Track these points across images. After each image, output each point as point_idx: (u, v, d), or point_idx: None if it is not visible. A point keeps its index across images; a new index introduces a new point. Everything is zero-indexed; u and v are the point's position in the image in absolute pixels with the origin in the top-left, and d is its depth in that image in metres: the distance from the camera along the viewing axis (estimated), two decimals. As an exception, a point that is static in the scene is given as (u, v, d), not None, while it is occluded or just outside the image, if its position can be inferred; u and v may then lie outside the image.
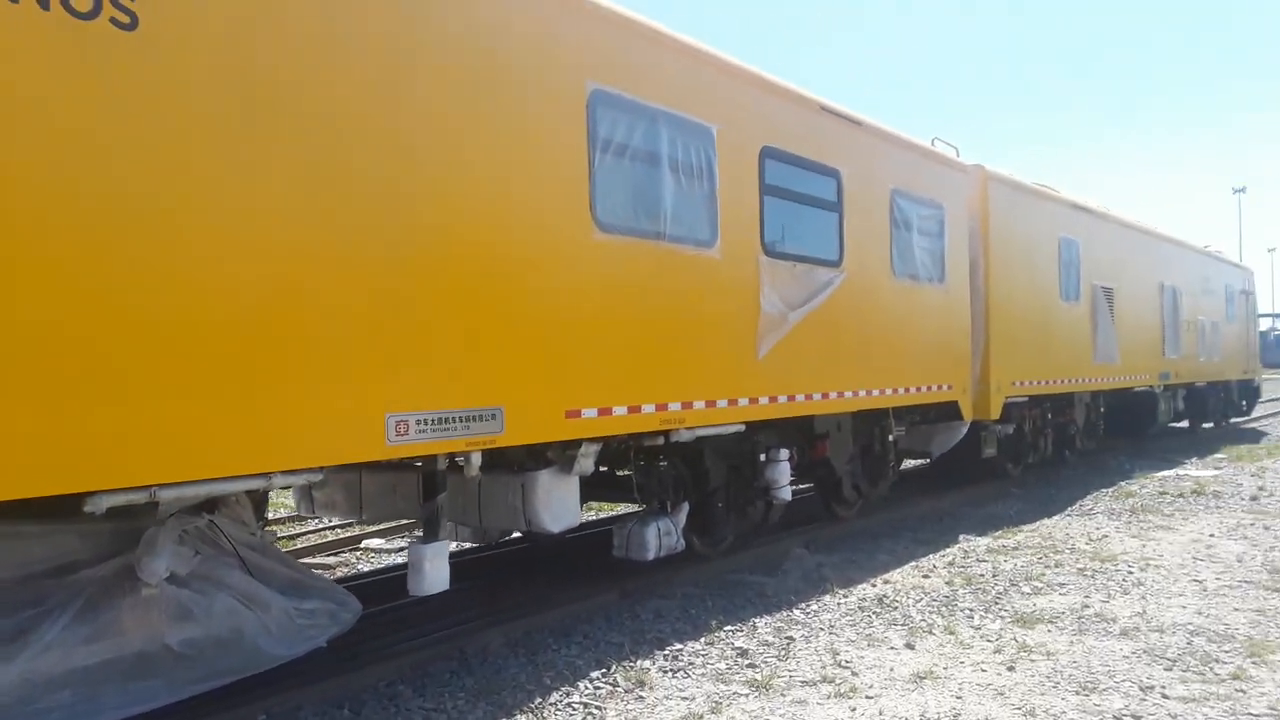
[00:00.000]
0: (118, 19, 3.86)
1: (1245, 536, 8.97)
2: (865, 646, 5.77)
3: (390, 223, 4.86)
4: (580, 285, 5.99)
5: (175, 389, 3.96)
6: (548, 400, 5.76)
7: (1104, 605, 6.63)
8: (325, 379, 4.54)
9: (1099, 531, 9.39)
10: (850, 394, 8.61)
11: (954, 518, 10.45)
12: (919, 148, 10.13)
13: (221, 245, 4.15)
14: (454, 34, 5.21)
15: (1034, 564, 7.96)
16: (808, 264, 8.10)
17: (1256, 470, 13.81)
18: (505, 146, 5.51)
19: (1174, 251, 18.06)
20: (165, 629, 4.39)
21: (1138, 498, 11.46)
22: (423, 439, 5.00)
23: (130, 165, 3.87)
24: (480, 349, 5.33)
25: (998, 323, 11.17)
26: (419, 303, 4.99)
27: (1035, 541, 8.95)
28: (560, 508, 6.23)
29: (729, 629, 6.15)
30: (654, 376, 6.54)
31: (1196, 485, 12.19)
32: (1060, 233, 13.02)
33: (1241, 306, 22.84)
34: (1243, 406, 24.13)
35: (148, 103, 3.93)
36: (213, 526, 4.80)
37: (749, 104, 7.57)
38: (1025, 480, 12.91)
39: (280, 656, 4.80)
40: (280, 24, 4.41)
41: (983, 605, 6.70)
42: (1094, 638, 5.88)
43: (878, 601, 6.83)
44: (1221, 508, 10.62)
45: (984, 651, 5.65)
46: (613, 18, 6.33)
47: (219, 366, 4.12)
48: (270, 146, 4.34)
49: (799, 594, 7.05)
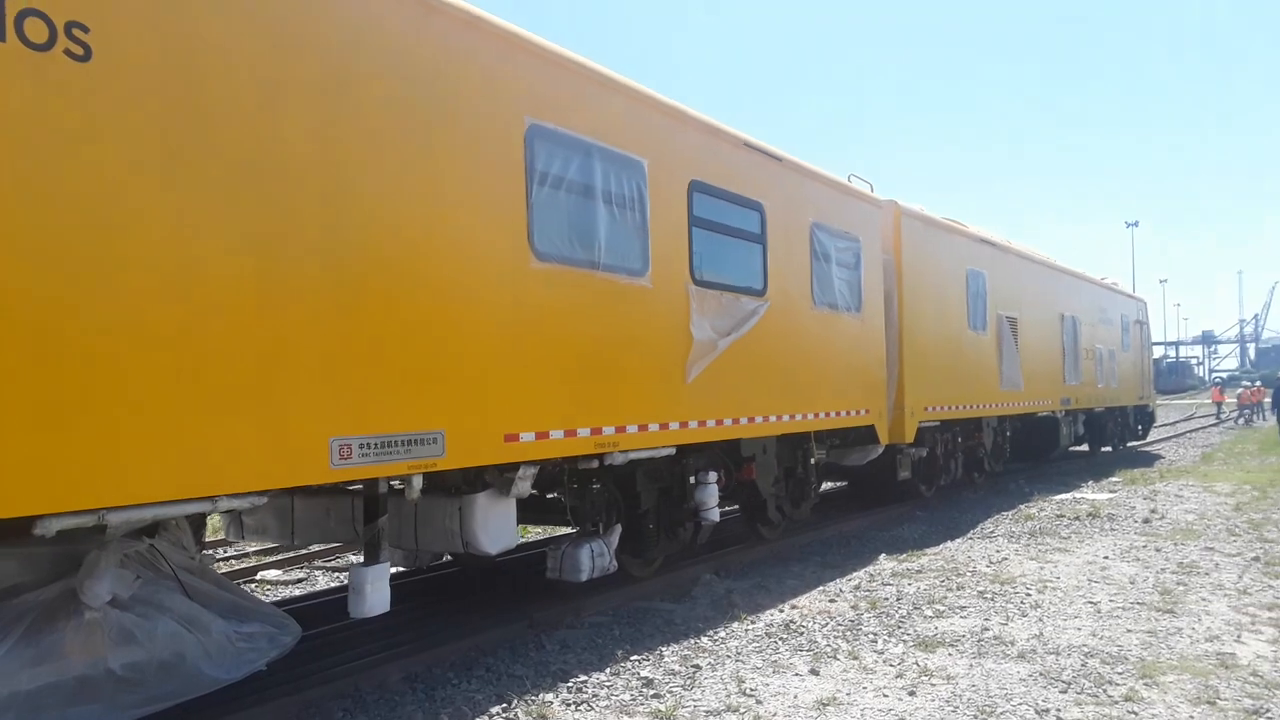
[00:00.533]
0: (72, 50, 3.94)
1: (1138, 558, 9.23)
2: (771, 674, 5.76)
3: (332, 252, 4.98)
4: (519, 313, 6.17)
5: (121, 414, 4.02)
6: (487, 424, 5.91)
7: (1003, 628, 6.74)
8: (269, 404, 4.62)
9: (999, 554, 9.57)
10: (775, 418, 8.94)
11: (861, 541, 10.61)
12: (836, 183, 10.60)
13: (163, 271, 4.23)
14: (395, 72, 5.38)
15: (937, 587, 8.07)
16: (734, 293, 8.42)
17: (1149, 493, 14.30)
18: (447, 179, 5.68)
19: (1073, 283, 19.04)
20: (108, 652, 4.39)
21: (1037, 520, 11.76)
22: (365, 462, 5.11)
23: (78, 191, 3.94)
24: (422, 374, 5.47)
25: (911, 350, 11.69)
26: (362, 329, 5.11)
27: (939, 564, 9.08)
28: (498, 530, 6.36)
29: (635, 658, 6.09)
30: (589, 401, 6.74)
31: (1092, 508, 12.49)
32: (968, 265, 13.69)
33: (1136, 335, 24.12)
34: (1139, 431, 25.41)
35: (98, 130, 4.02)
36: (153, 550, 4.81)
37: (678, 139, 7.89)
38: (930, 504, 13.21)
39: (221, 680, 4.82)
40: (227, 61, 4.52)
41: (886, 629, 6.75)
42: (993, 660, 5.96)
43: (785, 627, 6.85)
44: (1116, 530, 10.92)
45: (886, 676, 5.69)
46: (550, 56, 6.58)
47: (163, 392, 4.18)
48: (214, 178, 4.44)
49: (707, 621, 7.07)
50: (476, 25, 5.98)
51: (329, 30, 5.01)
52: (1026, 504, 13.32)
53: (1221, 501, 13.23)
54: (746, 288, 8.65)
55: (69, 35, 3.93)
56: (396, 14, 5.41)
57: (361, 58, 5.18)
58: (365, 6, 5.22)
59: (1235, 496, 13.77)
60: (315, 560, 10.01)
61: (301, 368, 4.79)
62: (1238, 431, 33.58)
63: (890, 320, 11.49)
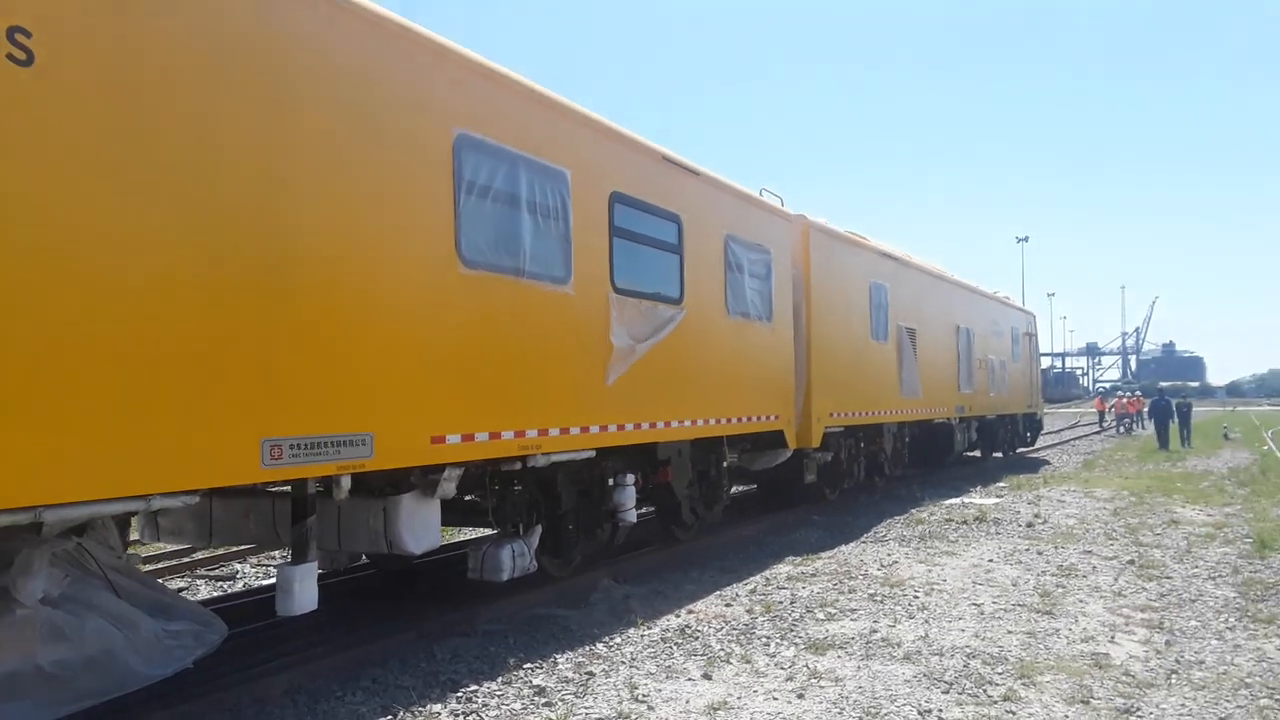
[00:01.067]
0: (15, 55, 3.99)
1: (1020, 561, 9.47)
2: (664, 679, 5.76)
3: (265, 255, 5.07)
4: (446, 317, 6.34)
5: (57, 413, 4.07)
6: (414, 426, 6.06)
7: (891, 630, 6.84)
8: (202, 404, 4.70)
9: (890, 558, 9.74)
10: (690, 422, 9.28)
11: (759, 545, 10.71)
12: (749, 196, 11.02)
13: (100, 271, 4.29)
14: (329, 80, 5.51)
15: (830, 590, 8.17)
16: (652, 301, 8.72)
17: (1033, 499, 14.74)
18: (377, 187, 5.82)
19: (968, 296, 19.99)
20: (37, 649, 4.41)
21: (927, 525, 11.97)
22: (296, 463, 5.22)
23: (19, 193, 3.99)
24: (351, 376, 5.59)
25: (818, 359, 12.19)
26: (292, 332, 5.22)
27: (832, 568, 9.18)
28: (422, 530, 6.51)
29: (528, 666, 6.03)
30: (513, 404, 6.94)
31: (979, 513, 12.75)
32: (871, 278, 14.31)
33: (1026, 347, 25.38)
34: (1028, 438, 26.74)
35: (40, 131, 4.07)
36: (80, 549, 4.84)
37: (600, 151, 8.16)
38: (829, 509, 13.49)
39: (150, 676, 4.87)
40: (166, 66, 4.60)
41: (779, 633, 6.80)
42: (880, 662, 6.05)
43: (680, 632, 6.87)
44: (1001, 534, 11.19)
45: (777, 679, 5.74)
46: (478, 68, 6.77)
47: (99, 389, 4.24)
48: (153, 182, 4.51)
49: (603, 627, 7.03)
50: (406, 36, 6.14)
51: (263, 39, 5.12)
52: (918, 509, 13.61)
53: (1101, 507, 13.70)
54: (664, 296, 8.96)
55: (12, 40, 3.98)
56: (329, 23, 5.54)
57: (293, 67, 5.29)
58: (298, 16, 5.34)
59: (1114, 502, 14.27)
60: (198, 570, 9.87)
61: (234, 369, 4.87)
62: (1118, 440, 35.26)
63: (799, 329, 11.96)
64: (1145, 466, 21.70)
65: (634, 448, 8.71)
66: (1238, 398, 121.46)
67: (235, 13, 4.97)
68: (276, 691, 5.41)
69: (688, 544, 10.17)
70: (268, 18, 5.15)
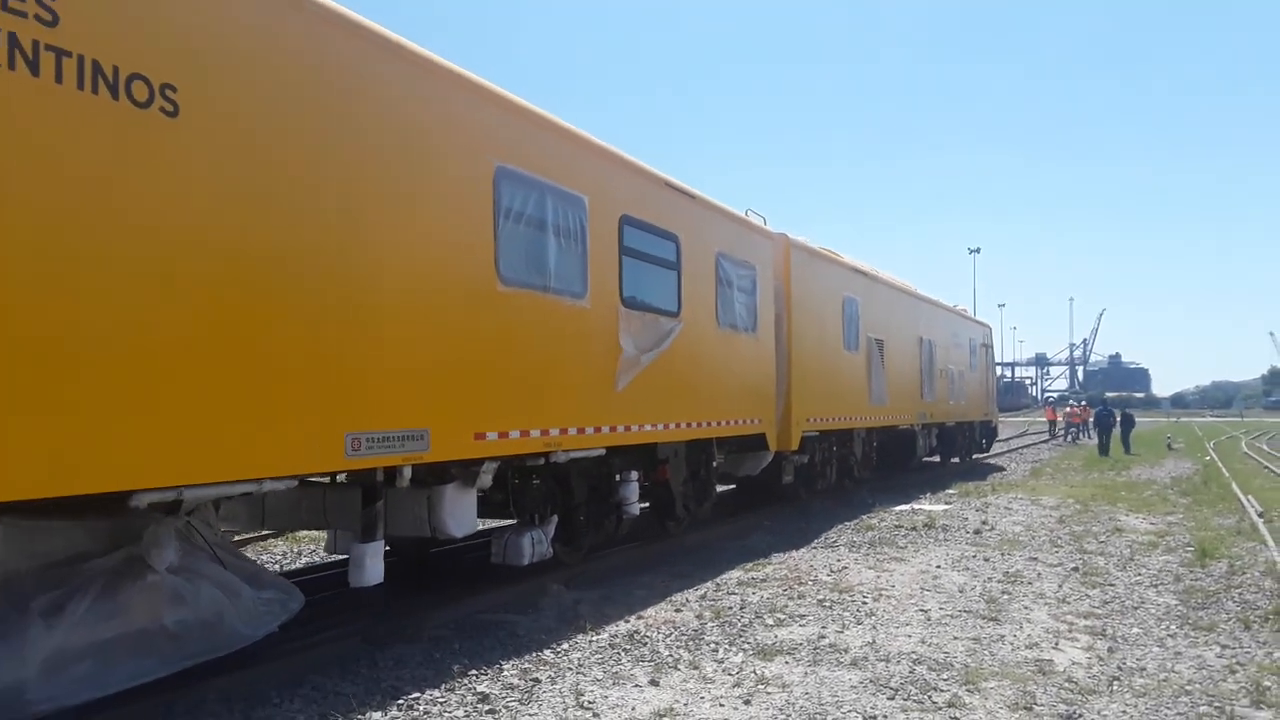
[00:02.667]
0: (165, 108, 4.78)
1: (967, 568, 9.54)
2: (611, 685, 5.72)
3: (344, 274, 5.86)
4: (487, 328, 7.16)
5: (195, 408, 4.85)
6: (461, 424, 6.88)
7: (839, 636, 6.86)
8: (302, 403, 5.50)
9: (840, 563, 9.79)
10: (685, 425, 10.17)
11: (711, 550, 10.73)
12: (738, 217, 11.95)
13: (230, 289, 5.08)
14: (394, 127, 6.31)
15: (780, 596, 8.18)
16: (655, 314, 9.60)
17: (981, 506, 14.90)
18: (434, 216, 6.64)
19: (930, 309, 21.14)
20: (164, 611, 5.16)
21: (877, 531, 12.09)
22: (371, 454, 6.02)
23: (163, 213, 4.77)
24: (414, 379, 6.41)
25: (797, 367, 13.16)
26: (368, 340, 6.02)
27: (783, 574, 9.19)
28: (463, 516, 7.31)
29: (474, 673, 5.95)
30: (539, 406, 7.78)
31: (928, 519, 12.87)
32: (844, 292, 15.33)
33: (983, 357, 26.65)
34: (983, 444, 27.99)
35: (184, 169, 4.86)
36: (189, 526, 5.60)
37: (613, 178, 9.03)
38: (778, 514, 13.60)
39: (249, 637, 5.63)
40: (271, 116, 5.40)
41: (728, 638, 6.79)
42: (827, 668, 6.07)
43: (629, 638, 6.81)
44: (949, 541, 11.29)
45: (724, 685, 5.73)
46: (514, 106, 7.62)
47: (231, 389, 5.03)
48: (263, 207, 5.31)
49: (551, 633, 6.99)
50: (454, 79, 6.97)
51: (346, 95, 5.93)
52: (869, 515, 13.74)
53: (1047, 514, 13.95)
54: (665, 309, 9.85)
55: (163, 96, 4.76)
56: (392, 72, 6.36)
57: (367, 117, 6.08)
58: (365, 67, 6.15)
59: (1060, 510, 14.53)
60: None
61: (324, 374, 5.67)
62: (1065, 448, 36.30)
63: (780, 340, 12.91)
64: (1091, 475, 22.10)
65: (638, 447, 9.58)
66: (1182, 409, 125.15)
67: (327, 74, 5.78)
68: (212, 697, 5.30)
69: (637, 549, 10.25)
70: (351, 80, 5.97)
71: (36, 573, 4.77)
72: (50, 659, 4.63)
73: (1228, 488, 18.08)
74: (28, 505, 4.34)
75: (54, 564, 4.86)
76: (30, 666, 4.55)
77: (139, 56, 4.64)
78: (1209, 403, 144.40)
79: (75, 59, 4.36)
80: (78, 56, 4.37)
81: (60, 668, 4.67)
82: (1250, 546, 10.66)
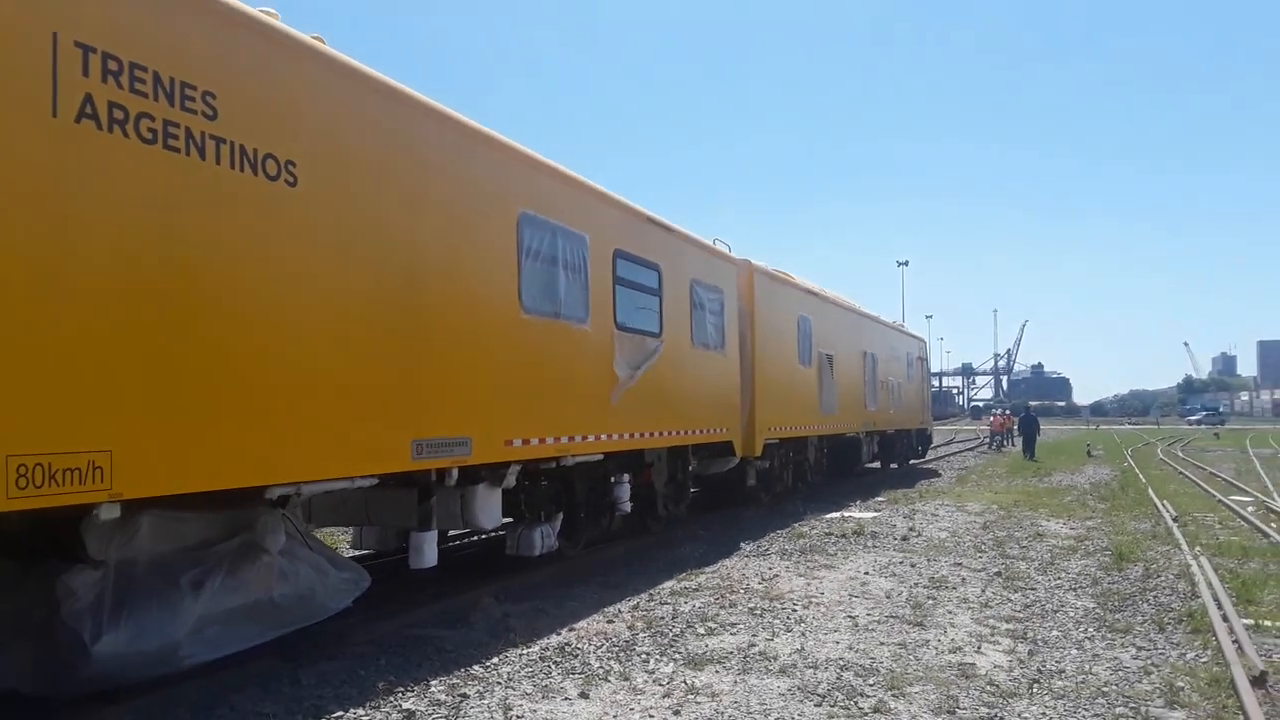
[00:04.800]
0: (287, 179, 5.95)
1: (894, 574, 9.71)
2: (540, 699, 5.72)
3: (410, 305, 7.02)
4: (512, 350, 8.38)
5: (313, 418, 6.02)
6: (495, 432, 8.09)
7: (768, 643, 6.93)
8: (383, 413, 6.68)
9: (771, 571, 9.92)
10: (667, 433, 11.48)
11: (644, 560, 10.80)
12: (708, 246, 13.33)
13: (336, 322, 6.25)
14: (445, 181, 7.53)
15: (711, 604, 8.27)
16: (642, 335, 10.90)
17: (909, 513, 15.23)
18: (474, 256, 7.87)
19: (872, 325, 22.81)
20: (273, 586, 6.29)
21: (807, 539, 12.26)
22: (432, 457, 7.22)
23: (301, 272, 5.94)
24: (461, 394, 7.61)
25: (760, 381, 14.57)
26: (427, 360, 7.21)
27: (715, 583, 9.31)
28: (491, 511, 8.52)
29: (400, 690, 5.90)
30: (553, 417, 9.01)
31: (858, 526, 13.15)
32: (799, 311, 16.82)
33: (919, 369, 28.50)
34: (919, 450, 29.85)
35: (302, 228, 6.04)
36: (284, 517, 6.72)
37: (608, 217, 10.33)
38: (711, 523, 13.83)
39: (332, 609, 6.75)
40: (363, 180, 6.59)
41: (659, 648, 6.84)
42: (756, 676, 6.12)
43: (560, 650, 6.83)
44: (877, 547, 11.55)
45: (654, 696, 5.75)
46: (535, 162, 8.89)
47: (333, 402, 6.21)
48: (359, 256, 6.48)
49: (480, 647, 6.95)
50: (492, 142, 8.21)
51: (412, 157, 7.15)
52: (800, 523, 13.91)
53: (972, 520, 14.25)
54: (649, 331, 11.15)
55: (287, 170, 5.93)
56: (449, 139, 7.59)
57: (427, 176, 7.30)
58: (429, 137, 7.37)
59: (984, 516, 14.84)
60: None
61: (396, 389, 6.85)
62: (990, 455, 37.16)
63: (744, 356, 14.31)
64: (1014, 482, 22.57)
65: (629, 453, 10.87)
66: (1100, 417, 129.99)
67: (402, 143, 7.00)
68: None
69: (570, 561, 10.28)
70: (419, 147, 7.19)
71: (178, 555, 5.87)
72: (195, 623, 5.75)
73: (1144, 493, 18.65)
74: (169, 500, 5.43)
75: (188, 548, 5.96)
76: (183, 628, 5.66)
77: (271, 140, 5.81)
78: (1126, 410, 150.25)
79: (229, 144, 5.52)
80: (230, 142, 5.53)
81: (200, 630, 5.79)
82: (1165, 550, 11.12)
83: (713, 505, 15.66)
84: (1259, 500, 17.12)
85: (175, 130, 5.17)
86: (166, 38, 5.16)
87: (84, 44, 4.70)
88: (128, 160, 4.91)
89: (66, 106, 4.61)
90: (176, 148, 5.18)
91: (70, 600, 5.23)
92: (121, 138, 4.87)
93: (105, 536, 5.34)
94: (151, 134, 5.03)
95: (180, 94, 5.21)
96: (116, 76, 4.85)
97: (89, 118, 4.71)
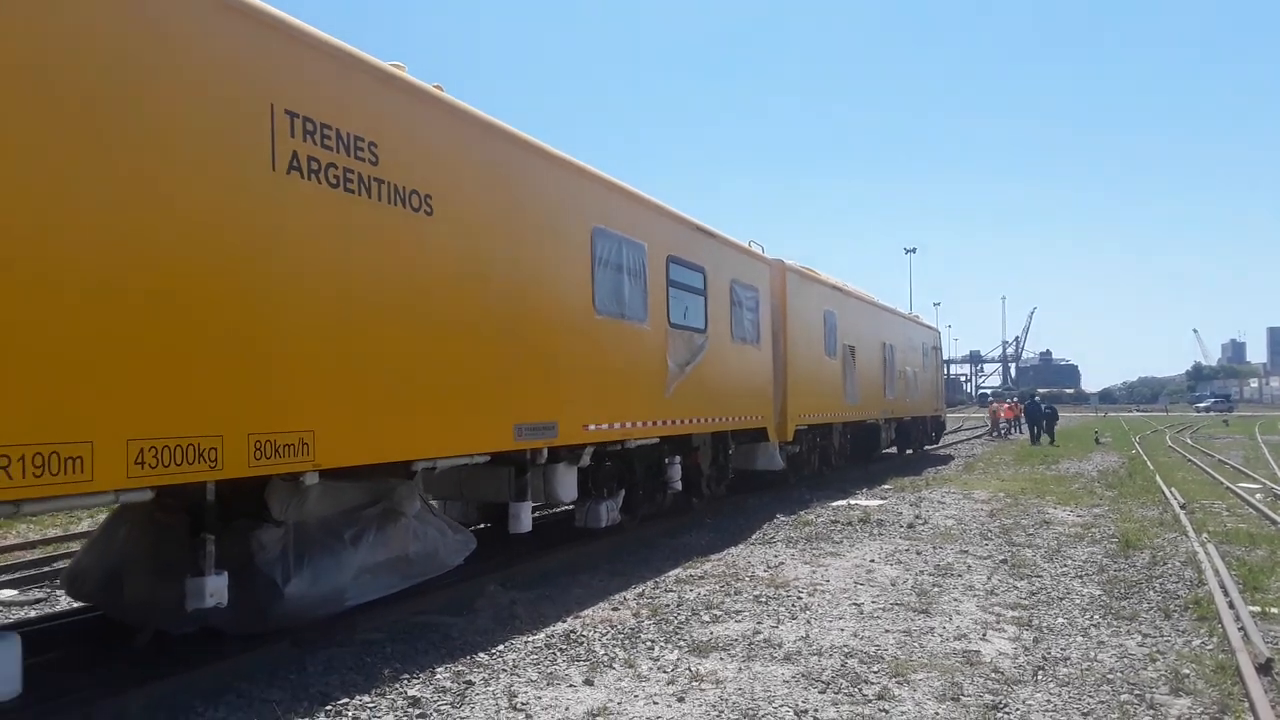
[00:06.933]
0: (425, 209, 7.23)
1: (900, 562, 9.70)
2: (545, 686, 5.72)
3: (510, 309, 8.24)
4: (588, 346, 9.66)
5: (444, 407, 7.31)
6: (576, 418, 9.37)
7: (773, 631, 6.93)
8: (492, 401, 7.97)
9: (777, 559, 9.93)
10: (711, 420, 12.76)
11: (650, 548, 10.90)
12: (744, 248, 14.58)
13: (458, 324, 7.51)
14: (535, 203, 8.79)
15: (716, 592, 8.31)
16: (690, 332, 12.16)
17: (915, 500, 15.26)
18: (557, 265, 9.13)
19: (891, 318, 24.02)
20: (408, 544, 7.59)
21: (814, 526, 12.33)
22: (529, 439, 8.51)
23: (425, 284, 7.21)
24: (551, 384, 8.89)
25: (792, 372, 15.83)
26: (524, 355, 8.48)
27: (720, 570, 9.37)
28: (569, 487, 9.82)
29: (405, 677, 5.90)
30: (619, 406, 10.29)
31: (864, 514, 13.23)
32: (825, 306, 18.05)
33: (933, 359, 29.70)
34: (933, 436, 31.07)
35: (436, 250, 7.32)
36: (410, 487, 8.03)
37: (662, 226, 11.58)
38: (719, 510, 13.96)
39: (451, 565, 8.06)
40: (481, 208, 7.86)
41: (664, 636, 6.85)
42: (760, 663, 6.10)
43: (565, 638, 6.86)
44: (883, 535, 11.57)
45: (659, 683, 5.74)
46: (606, 183, 10.15)
47: (462, 395, 7.50)
48: (476, 271, 7.72)
49: (486, 634, 6.99)
50: (570, 165, 9.47)
51: (515, 185, 8.42)
52: (806, 511, 14.01)
53: (978, 508, 14.24)
54: (696, 328, 12.41)
55: (426, 204, 7.21)
56: (540, 168, 8.86)
57: (523, 199, 8.57)
58: (527, 167, 8.64)
59: (991, 503, 14.82)
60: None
61: (501, 380, 8.12)
62: (997, 443, 37.22)
63: (776, 349, 15.56)
64: (1021, 469, 22.48)
65: (679, 438, 12.15)
66: (1110, 404, 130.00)
67: (507, 174, 8.28)
68: (135, 707, 5.30)
69: (578, 549, 10.38)
70: (519, 176, 8.47)
71: (339, 516, 7.19)
72: (355, 572, 7.06)
73: (1152, 480, 18.61)
74: (328, 472, 6.65)
75: (345, 510, 7.27)
76: (346, 575, 6.98)
77: (415, 178, 7.08)
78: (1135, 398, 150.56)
79: (387, 184, 6.81)
80: (388, 183, 6.82)
81: (358, 578, 7.10)
82: (1171, 537, 11.17)
83: (746, 488, 16.87)
84: (1267, 487, 17.24)
85: (351, 175, 6.46)
86: (344, 100, 6.44)
87: (291, 111, 5.98)
88: (322, 201, 6.20)
89: (280, 161, 5.90)
90: (352, 189, 6.47)
91: (262, 552, 6.54)
92: (317, 184, 6.16)
93: (284, 500, 6.65)
94: (335, 180, 6.32)
95: (354, 145, 6.49)
96: (313, 135, 6.14)
97: (295, 169, 6.00)
